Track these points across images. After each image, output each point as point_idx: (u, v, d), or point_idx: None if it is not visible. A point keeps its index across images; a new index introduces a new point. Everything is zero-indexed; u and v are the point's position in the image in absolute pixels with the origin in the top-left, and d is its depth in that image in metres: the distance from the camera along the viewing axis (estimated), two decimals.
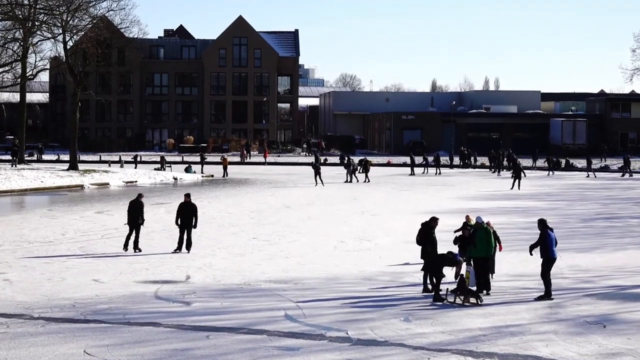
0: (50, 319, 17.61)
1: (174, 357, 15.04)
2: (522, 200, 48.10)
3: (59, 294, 20.30)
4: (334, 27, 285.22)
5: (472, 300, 19.67)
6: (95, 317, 17.80)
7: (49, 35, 74.19)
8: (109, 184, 59.15)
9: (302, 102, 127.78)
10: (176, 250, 27.17)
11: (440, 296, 19.93)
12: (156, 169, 72.82)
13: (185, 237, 27.20)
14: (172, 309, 18.81)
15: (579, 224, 37.10)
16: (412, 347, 15.83)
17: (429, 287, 20.72)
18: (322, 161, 79.05)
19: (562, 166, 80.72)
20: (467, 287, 19.93)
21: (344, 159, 64.38)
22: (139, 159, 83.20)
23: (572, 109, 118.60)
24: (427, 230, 21.62)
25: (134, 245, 27.20)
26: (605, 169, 78.94)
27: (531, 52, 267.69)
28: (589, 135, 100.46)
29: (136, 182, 61.47)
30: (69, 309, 18.64)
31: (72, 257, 26.09)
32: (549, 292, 20.22)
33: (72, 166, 68.95)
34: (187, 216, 27.20)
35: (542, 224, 20.75)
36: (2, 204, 46.42)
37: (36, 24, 72.83)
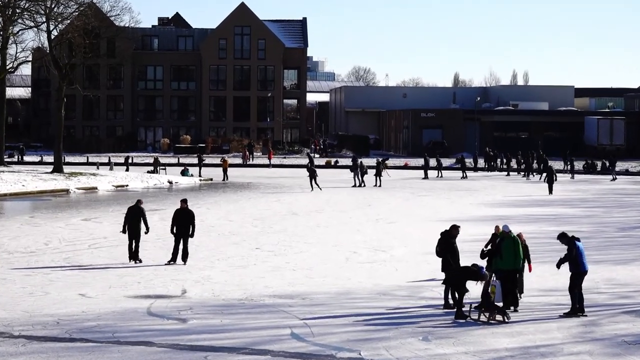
0: (31, 338, 17.64)
1: None
2: (553, 206, 48.10)
3: (41, 309, 20.34)
4: (345, 16, 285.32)
5: (498, 317, 19.67)
6: (81, 336, 17.83)
7: (32, 23, 74.40)
8: (97, 189, 59.30)
9: (311, 98, 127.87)
10: (170, 261, 27.22)
11: (463, 313, 19.93)
12: (149, 172, 72.98)
13: (181, 247, 27.24)
14: (166, 327, 18.85)
15: (617, 233, 37.12)
16: None
17: (451, 302, 20.73)
18: (316, 163, 78.89)
19: (598, 169, 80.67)
20: (493, 302, 19.92)
21: (356, 161, 64.29)
22: (130, 161, 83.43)
23: (609, 105, 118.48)
24: (448, 239, 21.63)
25: (134, 255, 27.31)
26: None
27: (564, 43, 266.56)
28: (627, 134, 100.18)
29: (127, 186, 61.64)
30: (53, 326, 18.69)
31: (57, 269, 26.14)
32: (576, 307, 20.19)
33: (57, 168, 69.08)
34: (183, 224, 27.22)
35: (565, 237, 20.73)
36: None
37: (17, 11, 72.96)
